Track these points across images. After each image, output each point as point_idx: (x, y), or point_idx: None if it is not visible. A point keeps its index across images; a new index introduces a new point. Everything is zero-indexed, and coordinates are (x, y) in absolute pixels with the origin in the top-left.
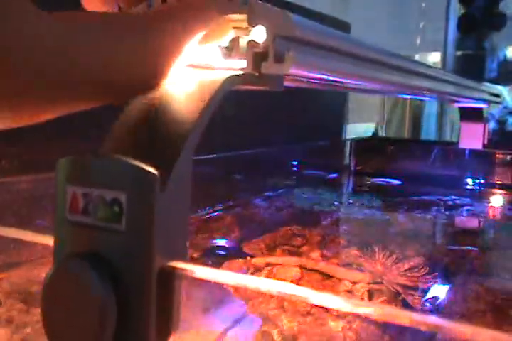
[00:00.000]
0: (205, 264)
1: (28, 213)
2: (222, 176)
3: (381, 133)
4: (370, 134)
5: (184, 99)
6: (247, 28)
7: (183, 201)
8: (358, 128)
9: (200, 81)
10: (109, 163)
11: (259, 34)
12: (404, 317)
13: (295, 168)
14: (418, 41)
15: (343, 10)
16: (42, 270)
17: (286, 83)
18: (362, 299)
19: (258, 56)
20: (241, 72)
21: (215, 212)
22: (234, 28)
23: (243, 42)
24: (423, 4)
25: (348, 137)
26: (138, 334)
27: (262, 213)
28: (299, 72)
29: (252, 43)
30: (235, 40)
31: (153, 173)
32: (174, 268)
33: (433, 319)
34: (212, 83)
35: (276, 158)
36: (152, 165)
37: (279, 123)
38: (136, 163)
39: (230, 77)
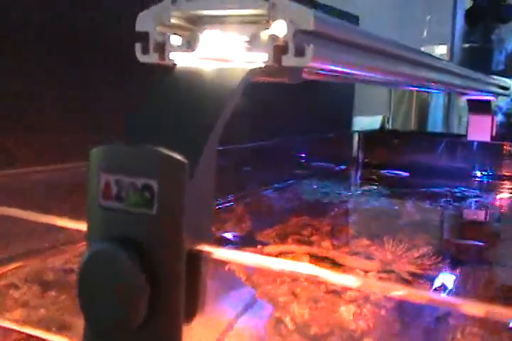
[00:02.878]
0: None
1: (43, 203)
2: (231, 168)
3: (388, 126)
4: (376, 127)
5: (208, 89)
6: (267, 22)
7: (209, 187)
8: (364, 121)
9: (223, 72)
10: (140, 151)
11: (280, 28)
12: (421, 297)
13: (303, 160)
14: (425, 33)
15: (349, 1)
16: (57, 258)
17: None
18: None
19: (279, 49)
20: (262, 65)
21: (226, 202)
22: (255, 22)
23: (264, 36)
24: None
25: (354, 129)
26: (168, 314)
27: (271, 204)
28: (317, 65)
29: (273, 37)
30: (256, 34)
31: (183, 161)
32: (201, 251)
33: (448, 298)
34: (236, 74)
35: (285, 149)
36: (180, 153)
37: (287, 115)
38: (167, 151)
39: (252, 69)
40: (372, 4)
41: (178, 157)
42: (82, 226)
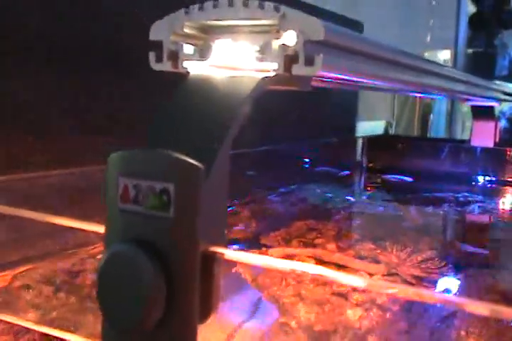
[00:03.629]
0: None
1: (57, 206)
2: (237, 173)
3: (391, 131)
4: (379, 132)
5: (221, 97)
6: (278, 32)
7: (223, 191)
8: (368, 126)
9: (235, 81)
10: (157, 156)
11: (291, 38)
12: (428, 297)
13: (308, 165)
14: (428, 38)
15: (353, 7)
16: (68, 261)
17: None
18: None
19: (289, 59)
20: (273, 74)
21: (232, 207)
22: (266, 32)
23: (275, 45)
24: (433, 2)
25: (357, 135)
26: (183, 313)
27: (277, 208)
28: (326, 73)
29: (283, 47)
30: (267, 44)
31: (199, 166)
32: (215, 253)
33: (454, 297)
34: (247, 83)
35: (290, 155)
36: (195, 158)
37: (292, 120)
38: (183, 156)
39: (264, 78)
40: (376, 10)
41: (194, 162)
42: (99, 228)
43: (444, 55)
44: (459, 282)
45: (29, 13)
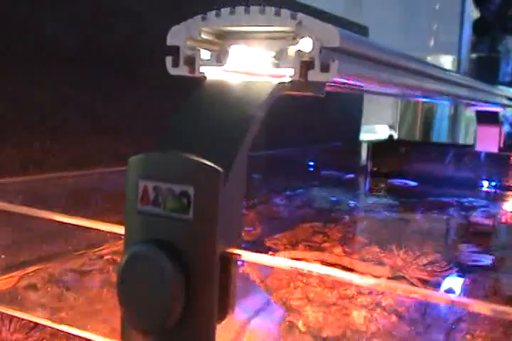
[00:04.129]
0: None
1: (72, 207)
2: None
3: (395, 135)
4: (383, 136)
5: (238, 102)
6: (294, 38)
7: (240, 194)
8: (371, 130)
9: (251, 86)
10: (177, 160)
11: (306, 45)
12: (438, 297)
13: (313, 169)
14: (431, 43)
15: (356, 11)
16: (76, 262)
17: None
18: (383, 292)
19: (305, 65)
20: (289, 79)
21: None
22: (282, 38)
23: (291, 51)
24: (436, 6)
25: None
26: (202, 313)
27: (282, 211)
28: (341, 79)
29: (299, 53)
30: (283, 50)
31: (218, 170)
32: (232, 254)
33: (463, 299)
34: (264, 88)
35: (295, 158)
36: (214, 162)
37: (297, 124)
38: (202, 160)
39: (279, 83)
40: (379, 13)
41: (214, 165)
42: (120, 229)
43: (447, 59)
44: (463, 285)
45: (49, 21)
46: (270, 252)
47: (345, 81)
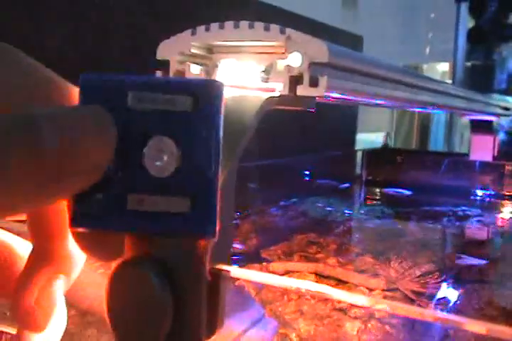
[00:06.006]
0: None
1: None
2: (238, 186)
3: (390, 144)
4: (377, 144)
5: (227, 116)
6: (283, 53)
7: (230, 208)
8: (366, 138)
9: (241, 100)
10: None
11: (295, 60)
12: (427, 315)
13: (308, 178)
14: (427, 51)
15: (352, 20)
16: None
17: None
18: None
19: (294, 80)
20: (278, 94)
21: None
22: (271, 53)
23: (280, 66)
24: (432, 15)
25: (357, 148)
26: (191, 328)
27: (277, 221)
28: (330, 94)
29: (288, 68)
30: (272, 65)
31: None
32: (221, 270)
33: (453, 317)
34: (253, 103)
35: (290, 168)
36: None
37: (292, 134)
38: None
39: (269, 98)
40: (375, 22)
41: None
42: None
43: (442, 67)
44: (457, 296)
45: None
46: (264, 263)
47: (336, 95)
